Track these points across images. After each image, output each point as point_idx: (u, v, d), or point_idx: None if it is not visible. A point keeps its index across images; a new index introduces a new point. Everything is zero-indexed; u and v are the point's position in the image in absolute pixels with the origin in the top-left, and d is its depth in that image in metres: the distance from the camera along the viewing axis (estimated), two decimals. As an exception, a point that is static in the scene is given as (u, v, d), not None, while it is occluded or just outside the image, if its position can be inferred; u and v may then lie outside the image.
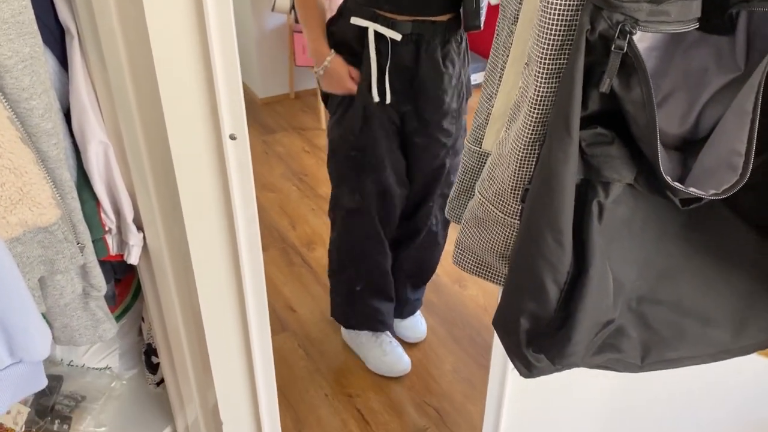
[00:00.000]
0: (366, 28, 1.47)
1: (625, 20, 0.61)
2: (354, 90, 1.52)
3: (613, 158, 0.68)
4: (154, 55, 0.82)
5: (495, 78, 0.93)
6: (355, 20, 1.47)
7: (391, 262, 1.83)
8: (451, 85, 1.55)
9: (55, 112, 0.86)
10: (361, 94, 1.52)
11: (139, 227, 1.04)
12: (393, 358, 1.90)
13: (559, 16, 0.67)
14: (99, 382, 1.37)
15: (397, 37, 1.46)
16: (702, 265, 0.79)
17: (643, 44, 0.68)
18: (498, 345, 1.02)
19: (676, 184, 0.66)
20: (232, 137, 0.86)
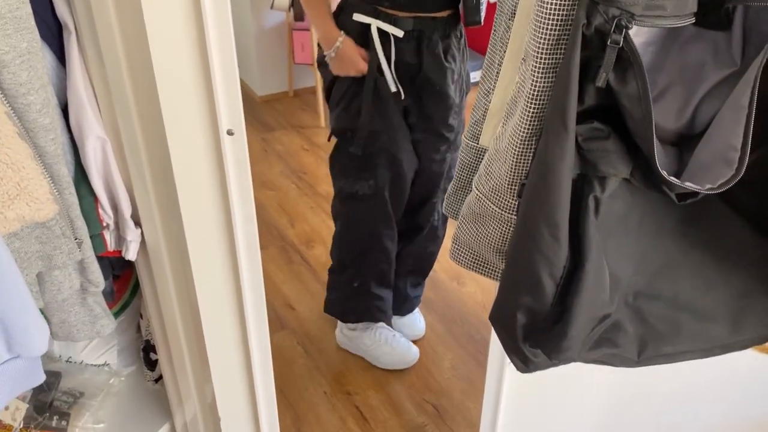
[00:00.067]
0: (368, 25, 1.47)
1: (621, 15, 0.62)
2: (365, 70, 1.51)
3: (609, 153, 0.69)
4: (151, 51, 0.82)
5: (492, 74, 0.93)
6: (357, 17, 1.48)
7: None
8: (454, 79, 1.57)
9: (53, 108, 0.86)
10: (372, 74, 1.51)
11: (137, 223, 1.04)
12: (402, 350, 1.91)
13: (556, 11, 0.67)
14: (97, 379, 1.38)
15: (399, 33, 1.47)
16: (698, 261, 0.79)
17: (640, 39, 0.68)
18: (495, 341, 1.02)
19: (672, 178, 0.67)
20: (230, 133, 0.86)
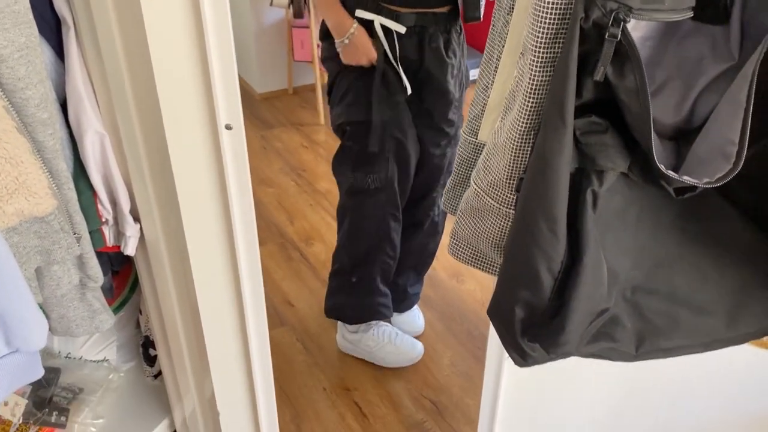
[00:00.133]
0: (370, 22, 1.48)
1: (619, 8, 0.62)
2: (375, 59, 1.51)
3: (607, 147, 0.69)
4: (150, 46, 0.82)
5: (491, 69, 0.93)
6: (360, 13, 1.48)
7: None
8: (454, 74, 1.58)
9: (51, 102, 0.86)
10: (381, 66, 1.51)
11: (136, 218, 1.04)
12: (407, 347, 1.91)
13: (554, 5, 0.67)
14: (97, 375, 1.38)
15: (402, 29, 1.47)
16: (696, 255, 0.79)
17: (638, 33, 0.68)
18: (493, 336, 1.02)
19: (670, 172, 0.67)
20: (228, 127, 0.86)
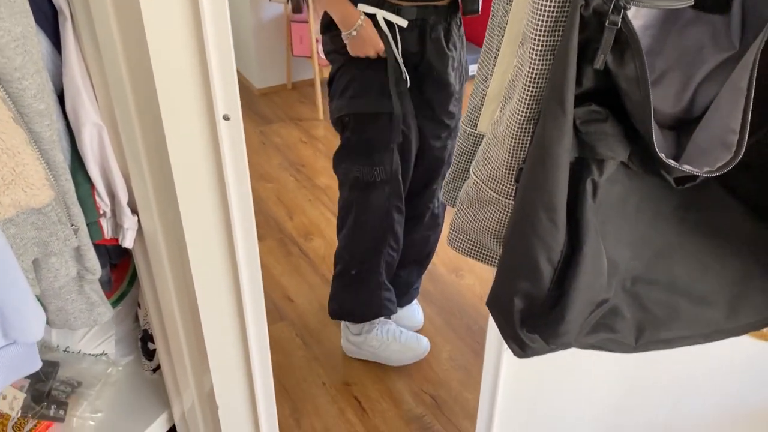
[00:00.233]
0: (372, 15, 1.48)
1: (619, -5, 0.61)
2: (383, 50, 1.51)
3: (607, 135, 0.68)
4: (147, 36, 0.81)
5: (490, 59, 0.93)
6: (362, 7, 1.48)
7: None
8: (454, 67, 1.58)
9: (48, 93, 0.86)
10: (391, 57, 1.51)
11: (134, 210, 1.04)
12: (412, 344, 1.90)
13: (554, -7, 0.67)
14: (95, 368, 1.38)
15: (404, 23, 1.48)
16: (696, 245, 0.79)
17: (638, 22, 0.68)
18: (492, 327, 1.02)
19: (671, 161, 0.66)
20: (226, 118, 0.86)
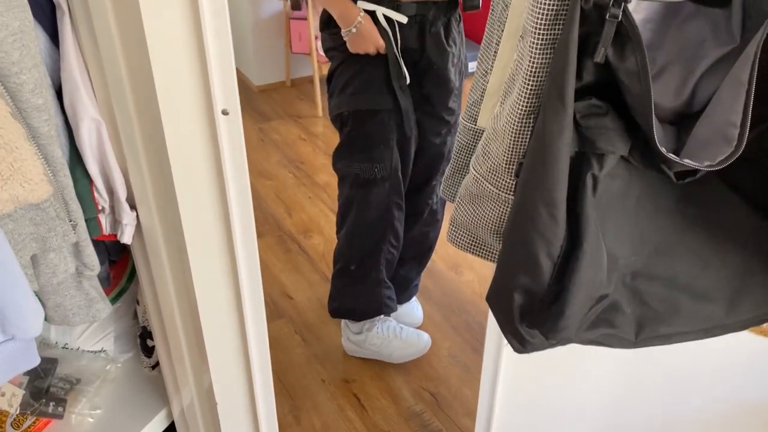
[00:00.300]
0: (373, 12, 1.48)
1: (620, -12, 0.61)
2: (383, 47, 1.51)
3: (607, 130, 0.68)
4: (145, 31, 0.81)
5: (490, 54, 0.92)
6: (361, 3, 1.48)
7: None
8: (454, 63, 1.58)
9: (46, 88, 0.85)
10: (393, 54, 1.51)
11: (133, 206, 1.03)
12: (413, 339, 1.90)
13: (554, -14, 0.66)
14: (94, 365, 1.37)
15: (403, 20, 1.47)
16: (697, 241, 0.79)
17: (639, 16, 0.68)
18: (492, 323, 1.02)
19: (671, 155, 0.66)
20: (225, 112, 0.86)
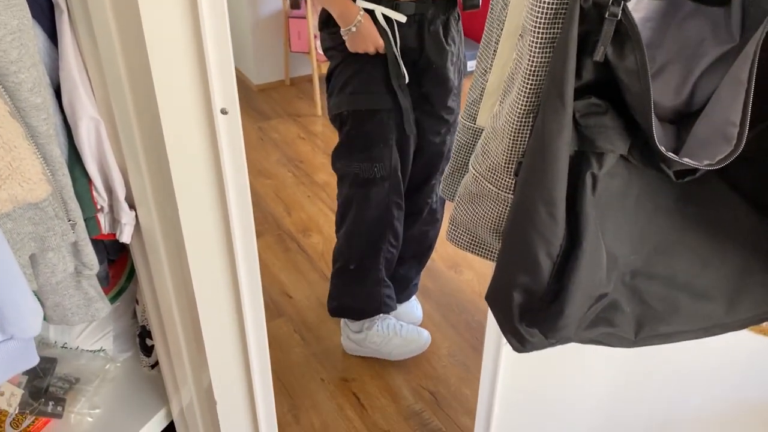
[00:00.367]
0: (372, 11, 1.47)
1: (619, -14, 0.61)
2: (383, 46, 1.51)
3: (607, 128, 0.68)
4: (144, 30, 0.81)
5: (489, 53, 0.92)
6: (360, 3, 1.48)
7: None
8: (453, 62, 1.58)
9: (45, 87, 0.85)
10: (392, 54, 1.51)
11: (132, 205, 1.03)
12: (413, 337, 1.90)
13: (553, -15, 0.66)
14: (93, 365, 1.37)
15: (402, 19, 1.47)
16: (696, 240, 0.79)
17: (638, 15, 0.67)
18: (492, 322, 1.02)
19: (670, 154, 0.66)
20: (224, 111, 0.86)
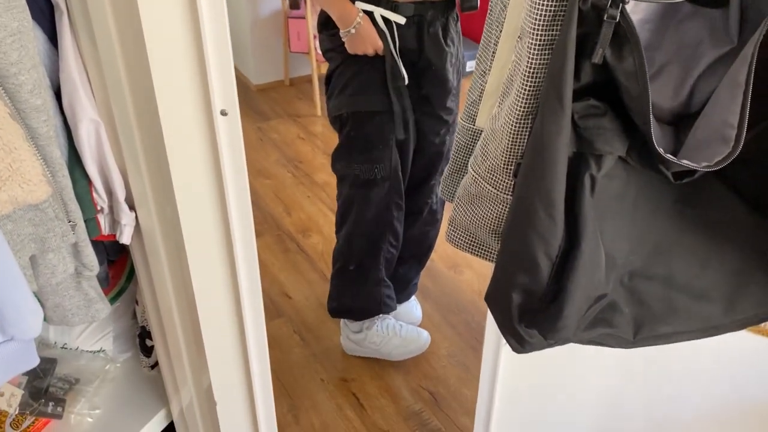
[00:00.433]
0: (371, 13, 1.48)
1: (618, -11, 0.61)
2: (381, 48, 1.51)
3: (605, 130, 0.68)
4: (144, 31, 0.81)
5: (488, 54, 0.93)
6: (359, 4, 1.48)
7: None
8: (452, 62, 1.59)
9: (45, 89, 0.85)
10: (390, 56, 1.51)
11: (131, 207, 1.03)
12: (413, 337, 1.90)
13: (552, -13, 0.67)
14: (93, 365, 1.37)
15: (401, 20, 1.47)
16: (694, 241, 0.79)
17: (636, 16, 0.68)
18: (491, 323, 1.02)
19: (669, 155, 0.66)
20: (223, 113, 0.86)
